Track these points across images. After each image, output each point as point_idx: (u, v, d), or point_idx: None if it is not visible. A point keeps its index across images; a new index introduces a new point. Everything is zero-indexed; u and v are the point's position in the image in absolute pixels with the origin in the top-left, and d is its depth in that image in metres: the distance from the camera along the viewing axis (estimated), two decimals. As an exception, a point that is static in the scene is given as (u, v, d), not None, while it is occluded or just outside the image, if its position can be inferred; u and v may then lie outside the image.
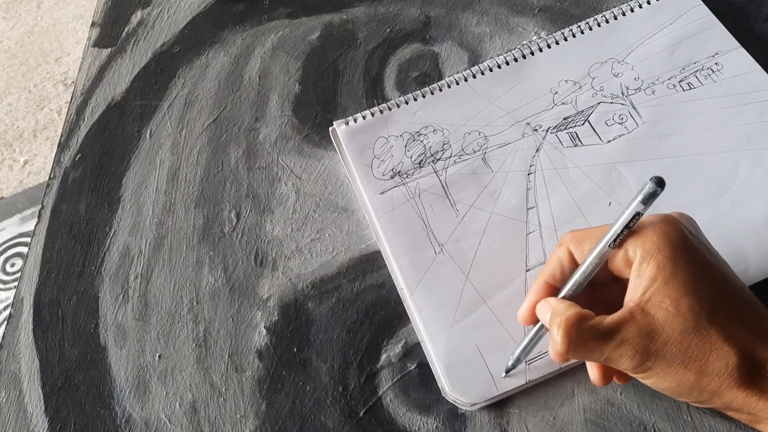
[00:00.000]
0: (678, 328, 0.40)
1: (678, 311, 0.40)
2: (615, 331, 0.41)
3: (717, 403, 0.42)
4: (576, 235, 0.46)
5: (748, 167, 0.57)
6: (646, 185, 0.40)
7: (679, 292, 0.41)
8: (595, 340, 0.42)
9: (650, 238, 0.42)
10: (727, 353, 0.40)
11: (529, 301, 0.48)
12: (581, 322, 0.42)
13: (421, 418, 0.52)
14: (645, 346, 0.41)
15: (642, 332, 0.41)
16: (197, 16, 0.76)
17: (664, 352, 0.41)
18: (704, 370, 0.40)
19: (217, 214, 0.63)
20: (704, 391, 0.41)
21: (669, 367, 0.41)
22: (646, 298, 0.41)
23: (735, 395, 0.40)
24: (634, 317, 0.41)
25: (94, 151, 0.68)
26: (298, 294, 0.58)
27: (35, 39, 2.13)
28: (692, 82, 0.62)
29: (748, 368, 0.40)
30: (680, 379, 0.41)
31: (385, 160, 0.62)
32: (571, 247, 0.46)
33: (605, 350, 0.42)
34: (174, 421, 0.54)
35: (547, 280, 0.47)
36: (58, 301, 0.60)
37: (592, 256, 0.44)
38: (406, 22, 0.72)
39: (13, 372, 0.57)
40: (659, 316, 0.41)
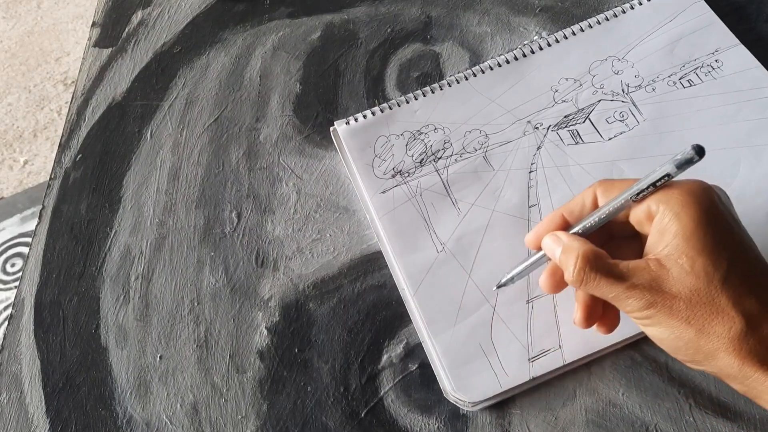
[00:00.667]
0: (689, 286, 0.41)
1: (692, 269, 0.41)
2: (629, 275, 0.42)
3: (711, 367, 0.42)
4: (606, 182, 0.47)
5: (748, 164, 0.57)
6: (686, 150, 0.41)
7: (696, 250, 0.41)
8: (609, 277, 0.43)
9: (676, 197, 0.42)
10: (732, 318, 0.40)
11: (540, 228, 0.49)
12: (597, 259, 0.44)
13: (423, 418, 0.52)
14: (653, 294, 0.41)
15: (654, 282, 0.42)
16: (198, 16, 0.76)
17: (670, 304, 0.41)
18: (705, 330, 0.41)
19: (218, 214, 0.63)
20: (700, 350, 0.41)
21: (671, 319, 0.41)
22: (665, 253, 0.42)
23: (731, 361, 0.40)
24: (649, 267, 0.42)
25: (95, 152, 0.68)
26: (299, 294, 0.58)
27: (35, 39, 2.13)
28: (692, 79, 0.62)
29: (751, 337, 0.40)
30: (679, 333, 0.41)
31: (386, 159, 0.61)
32: (599, 191, 0.47)
33: (615, 289, 0.43)
34: (175, 422, 0.54)
35: (564, 213, 0.48)
36: (59, 301, 0.60)
37: (612, 204, 0.45)
38: (407, 22, 0.72)
39: (14, 373, 0.57)
40: (674, 270, 0.41)
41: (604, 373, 0.52)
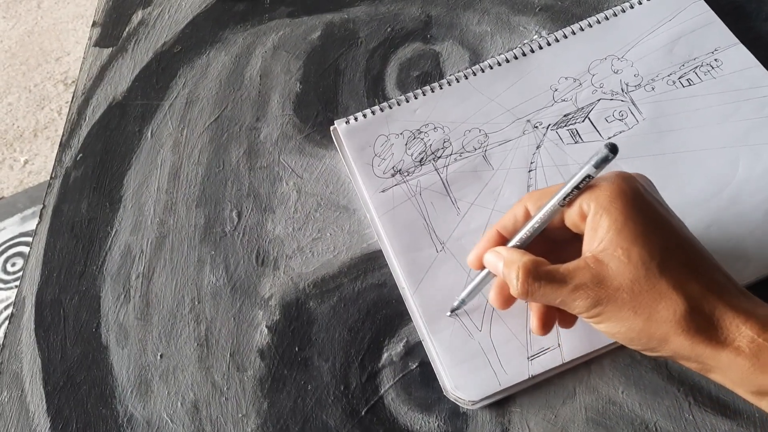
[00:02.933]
0: (629, 276, 0.42)
1: (629, 260, 0.42)
2: (570, 277, 0.43)
3: (666, 351, 0.43)
4: (535, 194, 0.47)
5: (747, 163, 0.57)
6: (600, 150, 0.42)
7: (630, 241, 0.42)
8: (552, 283, 0.43)
9: (604, 193, 0.43)
10: (675, 301, 0.41)
11: (478, 248, 0.50)
12: (537, 267, 0.44)
13: (423, 417, 0.52)
14: (597, 291, 0.42)
15: (595, 279, 0.42)
16: (198, 15, 0.76)
17: (615, 297, 0.42)
18: (653, 317, 0.41)
19: (219, 213, 0.63)
20: (653, 337, 0.42)
21: (619, 312, 0.42)
22: (600, 248, 0.43)
23: (682, 342, 0.41)
24: (588, 265, 0.43)
25: (96, 151, 0.68)
26: (299, 293, 0.58)
27: (35, 39, 2.13)
28: (692, 79, 0.62)
29: (696, 317, 0.41)
30: (630, 324, 0.42)
31: (385, 159, 0.62)
32: (529, 204, 0.47)
33: (560, 293, 0.43)
34: (176, 421, 0.54)
35: (499, 229, 0.49)
36: (59, 300, 0.60)
37: (542, 212, 0.46)
38: (407, 21, 0.72)
39: (15, 371, 0.57)
40: (612, 264, 0.42)
41: (604, 371, 0.52)
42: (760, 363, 0.40)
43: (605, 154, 0.41)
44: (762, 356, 0.40)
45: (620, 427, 0.50)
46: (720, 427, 0.49)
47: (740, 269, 0.53)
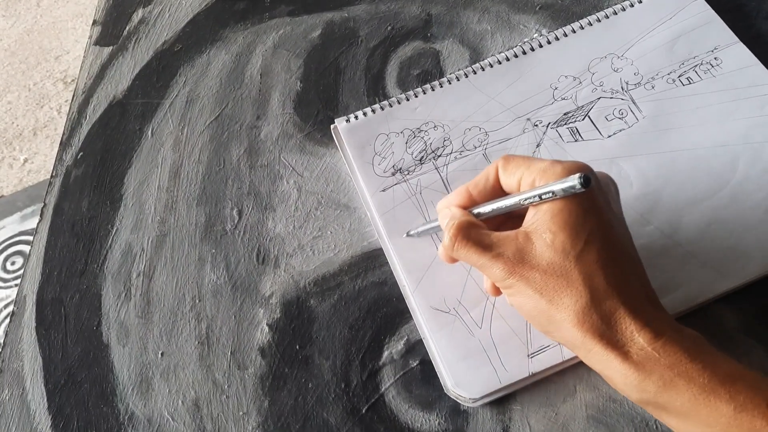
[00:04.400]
0: (547, 259, 0.43)
1: (552, 244, 0.43)
2: (496, 245, 0.45)
3: (560, 338, 0.45)
4: (506, 158, 0.48)
5: (747, 161, 0.58)
6: (573, 179, 0.42)
7: (558, 226, 0.43)
8: (477, 246, 0.46)
9: (555, 177, 0.44)
10: (579, 293, 0.43)
11: (445, 200, 0.52)
12: (470, 228, 0.47)
13: (424, 414, 0.52)
14: (514, 264, 0.44)
15: (517, 253, 0.44)
16: (198, 14, 0.76)
17: (528, 275, 0.44)
18: (555, 301, 0.43)
19: (219, 211, 0.63)
20: (551, 321, 0.44)
21: (527, 289, 0.44)
22: (534, 227, 0.45)
23: (575, 333, 0.43)
24: (517, 238, 0.45)
25: (96, 149, 0.68)
26: (300, 291, 0.58)
27: (35, 37, 2.13)
28: (692, 77, 0.62)
29: (594, 312, 0.42)
30: (534, 302, 0.44)
31: (386, 157, 0.62)
32: (500, 165, 0.49)
33: (482, 258, 0.46)
34: (177, 419, 0.54)
35: (470, 187, 0.50)
36: (60, 299, 0.60)
37: (504, 203, 0.47)
38: (407, 19, 0.72)
39: (16, 370, 0.57)
40: (537, 244, 0.44)
41: (604, 369, 0.52)
42: (645, 372, 0.41)
43: (574, 185, 0.42)
44: (647, 365, 0.41)
45: (621, 424, 0.50)
46: (720, 424, 0.49)
47: (740, 267, 0.53)
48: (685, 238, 0.55)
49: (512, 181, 0.47)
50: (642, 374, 0.41)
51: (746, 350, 0.51)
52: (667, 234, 0.53)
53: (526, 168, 0.46)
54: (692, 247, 0.54)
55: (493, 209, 0.48)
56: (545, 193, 0.44)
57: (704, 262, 0.54)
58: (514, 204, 0.46)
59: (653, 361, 0.41)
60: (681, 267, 0.48)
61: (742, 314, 0.53)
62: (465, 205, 0.50)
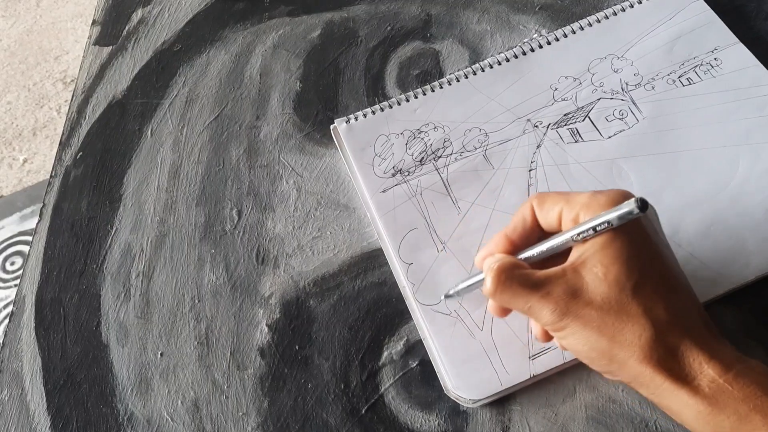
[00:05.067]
0: (602, 294, 0.41)
1: (606, 278, 0.41)
2: (543, 284, 0.43)
3: (625, 377, 0.43)
4: (541, 196, 0.47)
5: (748, 162, 0.57)
6: (629, 204, 0.41)
7: (611, 259, 0.42)
8: (522, 287, 0.43)
9: (600, 208, 0.43)
10: (642, 326, 0.41)
11: (484, 251, 0.49)
12: (513, 269, 0.44)
13: (423, 415, 0.52)
14: (567, 303, 0.42)
15: (568, 290, 0.42)
16: (198, 14, 0.76)
17: (582, 313, 0.42)
18: (617, 338, 0.41)
19: (219, 212, 0.63)
20: (614, 360, 0.42)
21: (584, 329, 0.42)
22: (581, 261, 0.43)
23: (642, 369, 0.41)
24: (565, 275, 0.43)
25: (96, 150, 0.68)
26: (299, 292, 0.58)
27: (35, 37, 2.13)
28: (692, 78, 0.62)
29: (660, 346, 0.41)
30: (592, 343, 0.42)
31: (386, 158, 0.62)
32: (535, 204, 0.47)
33: (530, 299, 0.43)
34: (176, 419, 0.54)
35: (507, 233, 0.48)
36: (59, 299, 0.60)
37: (553, 243, 0.45)
38: (406, 20, 0.72)
39: (16, 370, 0.57)
40: (588, 278, 0.42)
41: (604, 370, 0.52)
42: (719, 406, 0.40)
43: (632, 210, 0.40)
44: (720, 399, 0.40)
45: (620, 425, 0.50)
46: (720, 425, 0.49)
47: (741, 268, 0.53)
48: (685, 238, 0.55)
49: (551, 218, 0.46)
50: (715, 409, 0.39)
51: (746, 351, 0.50)
52: (667, 235, 0.53)
53: (566, 203, 0.45)
54: (692, 247, 0.54)
55: (542, 251, 0.46)
56: (601, 224, 0.42)
57: (704, 263, 0.53)
58: (565, 241, 0.44)
59: (726, 395, 0.39)
60: (682, 267, 0.48)
61: (742, 315, 0.53)
62: (506, 252, 0.48)
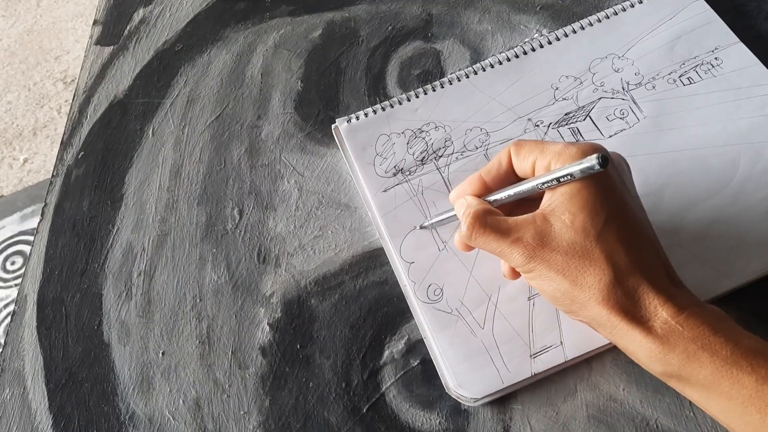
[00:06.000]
0: (567, 240, 0.44)
1: (572, 225, 0.44)
2: (514, 230, 0.46)
3: (584, 317, 0.45)
4: (518, 143, 0.49)
5: (748, 161, 0.58)
6: (591, 159, 0.42)
7: (578, 207, 0.44)
8: (495, 233, 0.46)
9: (571, 159, 0.45)
10: (602, 271, 0.43)
11: (459, 189, 0.53)
12: (486, 215, 0.47)
13: (424, 414, 0.52)
14: (534, 248, 0.45)
15: (536, 236, 0.45)
16: (199, 14, 0.76)
17: (549, 257, 0.44)
18: (579, 281, 0.44)
19: (220, 211, 0.63)
20: (575, 300, 0.45)
21: (549, 272, 0.45)
22: (551, 209, 0.45)
23: (600, 310, 0.43)
24: (535, 221, 0.45)
25: (97, 149, 0.68)
26: (301, 291, 0.58)
27: (35, 37, 2.13)
28: (692, 77, 0.62)
29: (618, 289, 0.43)
30: (557, 285, 0.45)
31: (387, 158, 0.62)
32: (512, 150, 0.49)
33: (501, 244, 0.46)
34: (178, 418, 0.54)
35: (483, 174, 0.51)
36: (61, 298, 0.60)
37: (519, 188, 0.48)
38: (407, 19, 0.72)
39: (17, 369, 0.57)
40: (556, 225, 0.45)
41: (605, 368, 0.52)
42: (669, 345, 0.42)
43: (593, 165, 0.42)
44: (671, 338, 0.42)
45: (621, 424, 0.50)
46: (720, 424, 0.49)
47: (742, 267, 0.53)
48: (686, 237, 0.55)
49: (526, 165, 0.48)
50: (666, 347, 0.42)
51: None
52: (668, 234, 0.53)
53: (540, 152, 0.47)
54: (693, 246, 0.54)
55: (509, 195, 0.48)
56: (563, 176, 0.44)
57: (705, 262, 0.54)
58: (531, 188, 0.46)
59: (677, 335, 0.42)
60: (682, 267, 0.48)
61: (743, 314, 0.53)
62: (479, 193, 0.51)
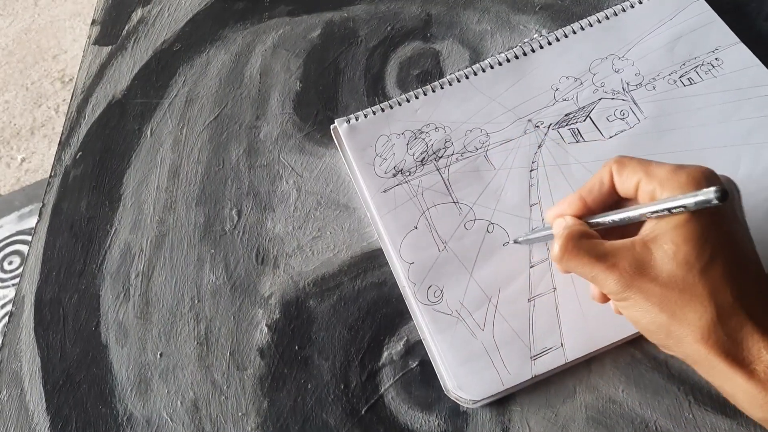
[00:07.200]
0: (668, 271, 0.41)
1: (675, 256, 0.41)
2: (611, 255, 0.43)
3: (680, 352, 0.43)
4: (620, 160, 0.46)
5: (749, 162, 0.57)
6: (708, 192, 0.39)
7: (683, 239, 0.41)
8: (589, 256, 0.44)
9: (680, 184, 0.42)
10: (704, 308, 0.41)
11: (557, 209, 0.50)
12: (582, 237, 0.45)
13: (423, 415, 0.52)
14: (632, 276, 0.42)
15: (635, 263, 0.42)
16: (198, 13, 0.76)
17: (646, 287, 0.42)
18: (677, 315, 0.41)
19: (218, 212, 0.63)
20: (671, 335, 0.42)
21: (646, 303, 0.42)
22: (653, 236, 0.42)
23: (698, 349, 0.41)
24: (634, 248, 0.43)
25: (95, 149, 0.68)
26: (299, 292, 0.58)
27: (33, 36, 2.13)
28: (693, 78, 0.62)
29: (720, 329, 0.40)
30: (652, 317, 0.42)
31: (387, 158, 0.61)
32: (614, 169, 0.46)
33: (595, 269, 0.43)
34: (175, 419, 0.54)
35: (582, 194, 0.48)
36: (59, 299, 0.60)
37: (628, 214, 0.44)
38: (407, 20, 0.72)
39: (15, 370, 0.57)
40: (657, 255, 0.42)
41: (604, 370, 0.52)
42: None
43: (710, 200, 0.39)
44: None
45: (620, 426, 0.50)
46: (720, 425, 0.49)
47: (741, 269, 0.53)
48: (686, 239, 0.54)
49: (629, 186, 0.45)
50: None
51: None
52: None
53: (645, 174, 0.44)
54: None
55: (614, 220, 0.46)
56: (676, 207, 0.41)
57: (705, 264, 0.53)
58: (639, 216, 0.43)
59: None
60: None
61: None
62: (579, 212, 0.48)
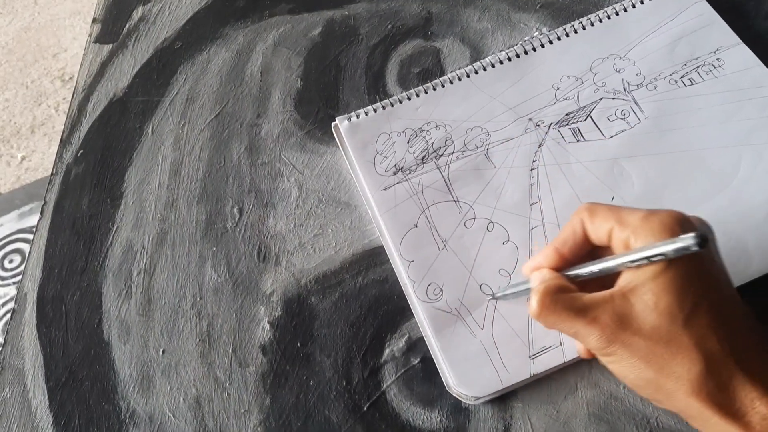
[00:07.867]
0: (651, 323, 0.40)
1: (656, 307, 0.40)
2: (590, 309, 0.41)
3: (672, 406, 0.42)
4: (591, 207, 0.45)
5: (749, 162, 0.58)
6: (687, 239, 0.38)
7: (663, 288, 0.40)
8: (568, 312, 0.42)
9: (653, 233, 0.41)
10: (692, 360, 0.39)
11: (533, 262, 0.48)
12: (558, 292, 0.43)
13: (425, 412, 0.52)
14: (614, 330, 0.40)
15: (615, 317, 0.41)
16: (199, 11, 0.76)
17: (630, 342, 0.40)
18: (665, 370, 0.40)
19: (220, 209, 0.63)
20: (661, 390, 0.41)
21: (631, 358, 0.41)
22: (631, 287, 0.41)
23: (690, 402, 0.40)
24: (613, 300, 0.41)
25: (96, 147, 0.68)
26: (301, 289, 0.58)
27: (32, 35, 2.13)
28: (694, 78, 0.62)
29: (711, 380, 0.39)
30: (639, 372, 0.41)
31: (387, 156, 0.62)
32: (585, 218, 0.45)
33: (576, 324, 0.42)
34: (178, 416, 0.54)
35: (557, 245, 0.47)
36: (61, 296, 0.60)
37: (605, 265, 0.43)
38: (407, 18, 0.72)
39: (17, 367, 0.57)
40: (638, 306, 0.40)
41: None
42: None
43: (688, 246, 0.38)
44: None
45: (622, 422, 0.50)
46: (721, 423, 0.49)
47: (742, 268, 0.53)
48: (686, 237, 0.55)
49: (601, 234, 0.44)
50: None
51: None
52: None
53: (616, 222, 0.43)
54: (693, 246, 0.54)
55: (592, 272, 0.44)
56: (655, 255, 0.39)
57: (705, 262, 0.54)
58: (617, 266, 0.42)
59: None
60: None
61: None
62: (556, 265, 0.46)
